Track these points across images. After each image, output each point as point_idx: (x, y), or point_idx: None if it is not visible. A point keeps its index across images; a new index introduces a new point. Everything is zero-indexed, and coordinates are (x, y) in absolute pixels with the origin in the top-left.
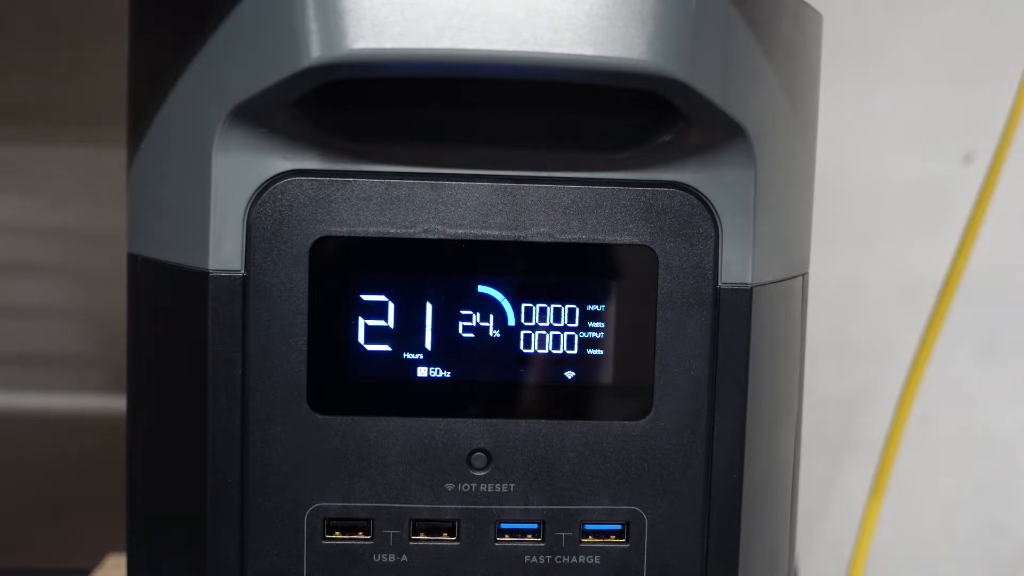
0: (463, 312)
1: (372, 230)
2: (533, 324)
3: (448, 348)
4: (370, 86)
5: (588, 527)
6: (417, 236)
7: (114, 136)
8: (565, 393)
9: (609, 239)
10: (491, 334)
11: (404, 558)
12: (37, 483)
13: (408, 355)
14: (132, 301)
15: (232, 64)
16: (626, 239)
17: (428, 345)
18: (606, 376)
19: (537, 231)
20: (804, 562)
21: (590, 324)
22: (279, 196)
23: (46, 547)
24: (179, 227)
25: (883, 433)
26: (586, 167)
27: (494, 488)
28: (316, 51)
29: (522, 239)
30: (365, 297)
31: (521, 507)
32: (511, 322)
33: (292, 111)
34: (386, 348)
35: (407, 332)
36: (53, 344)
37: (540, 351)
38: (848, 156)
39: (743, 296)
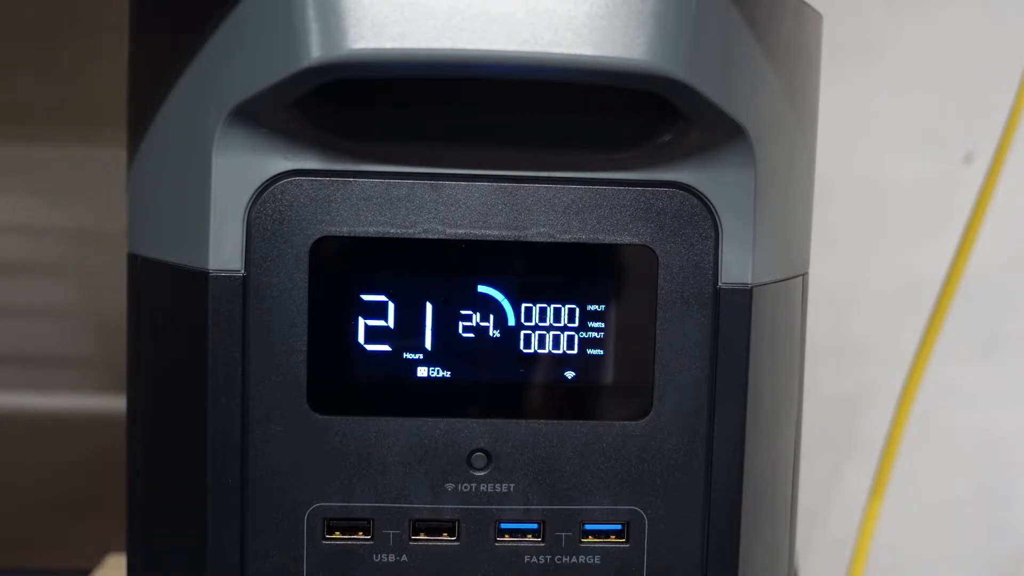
0: (463, 312)
1: (372, 230)
2: (533, 324)
3: (448, 348)
4: (370, 86)
5: (588, 527)
6: (417, 236)
7: (114, 136)
8: (565, 393)
9: (609, 239)
10: (491, 334)
11: (404, 558)
12: (37, 483)
13: (408, 355)
14: (132, 301)
15: (232, 64)
16: (626, 239)
17: (428, 345)
18: (606, 376)
19: (537, 231)
20: (804, 562)
21: (590, 324)
22: (279, 196)
23: (46, 547)
24: (179, 227)
25: (883, 433)
26: (586, 167)
27: (494, 488)
28: (316, 51)
29: (522, 239)
30: (365, 297)
31: (521, 507)
32: (511, 322)
33: (292, 111)
34: (386, 348)
35: (407, 332)
36: (53, 344)
37: (540, 351)
38: (848, 156)
39: (743, 296)
